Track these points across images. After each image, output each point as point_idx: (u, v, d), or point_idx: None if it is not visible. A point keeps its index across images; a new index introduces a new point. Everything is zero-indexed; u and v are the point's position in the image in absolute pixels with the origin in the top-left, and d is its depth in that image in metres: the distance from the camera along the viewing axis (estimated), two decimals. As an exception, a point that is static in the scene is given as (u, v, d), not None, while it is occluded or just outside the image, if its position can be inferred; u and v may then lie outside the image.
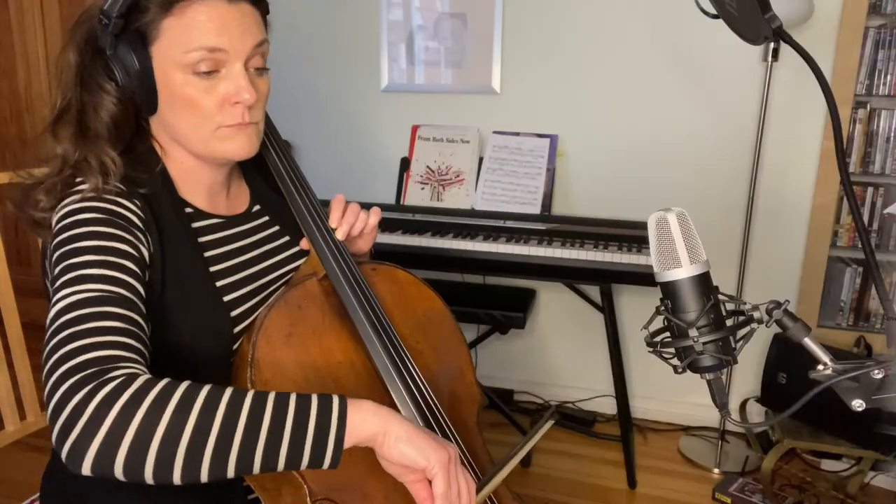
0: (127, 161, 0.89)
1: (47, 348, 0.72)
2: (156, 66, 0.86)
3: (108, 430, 0.65)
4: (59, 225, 0.83)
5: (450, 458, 0.76)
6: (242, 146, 0.92)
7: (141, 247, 0.84)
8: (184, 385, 0.70)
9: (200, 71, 0.86)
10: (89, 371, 0.69)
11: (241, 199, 1.06)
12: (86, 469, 0.66)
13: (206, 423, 0.68)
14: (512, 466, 0.88)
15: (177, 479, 0.67)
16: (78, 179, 0.87)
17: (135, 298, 0.79)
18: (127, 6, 0.83)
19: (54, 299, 0.76)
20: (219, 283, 0.94)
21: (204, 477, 0.68)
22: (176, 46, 0.85)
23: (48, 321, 0.74)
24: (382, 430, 0.74)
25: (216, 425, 0.68)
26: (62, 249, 0.80)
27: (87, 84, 0.89)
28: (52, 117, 0.90)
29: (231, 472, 0.69)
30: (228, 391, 0.71)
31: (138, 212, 0.86)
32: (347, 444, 0.72)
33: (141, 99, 0.88)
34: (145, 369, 0.73)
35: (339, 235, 1.02)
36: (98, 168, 0.86)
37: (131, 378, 0.69)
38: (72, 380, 0.68)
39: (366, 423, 0.73)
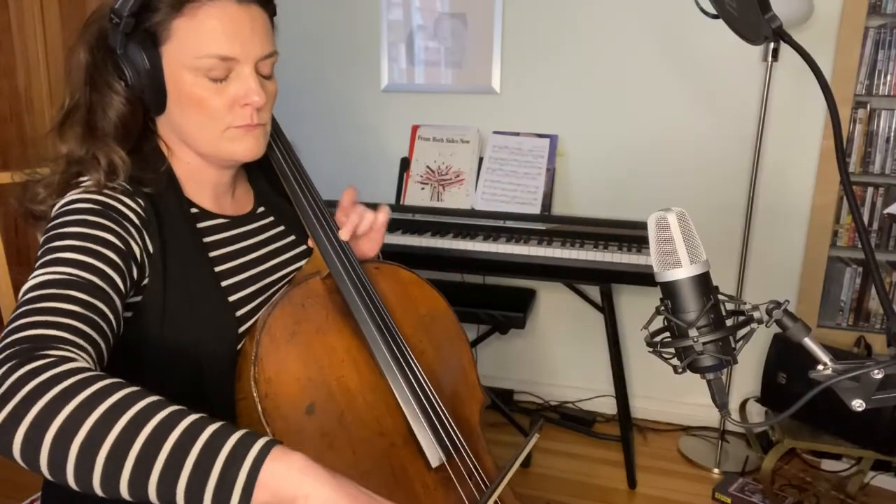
0: (133, 161, 0.89)
1: (6, 323, 0.72)
2: (165, 66, 0.87)
3: (13, 408, 0.62)
4: (55, 214, 0.84)
5: None
6: (250, 148, 0.92)
7: (132, 242, 0.84)
8: (108, 381, 0.64)
9: (213, 77, 0.87)
10: (26, 345, 0.67)
11: (245, 200, 1.06)
12: None
13: (104, 429, 0.61)
14: (503, 485, 0.87)
15: (70, 480, 0.61)
16: (83, 178, 0.87)
17: (107, 288, 0.78)
18: (138, 5, 0.83)
19: (29, 279, 0.76)
20: (224, 283, 0.94)
21: (97, 488, 0.61)
22: (187, 50, 0.85)
23: (18, 299, 0.74)
24: (305, 494, 0.61)
25: (112, 435, 0.61)
26: (49, 234, 0.81)
27: (97, 83, 0.89)
28: (61, 117, 0.91)
29: (125, 493, 0.61)
30: (147, 400, 0.64)
31: (139, 210, 0.87)
32: (258, 499, 0.60)
33: (150, 98, 0.88)
34: (87, 357, 0.70)
35: (343, 236, 1.02)
36: (106, 166, 0.86)
37: (61, 361, 0.66)
38: (7, 351, 0.67)
39: (285, 478, 0.61)
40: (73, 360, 0.67)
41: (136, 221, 0.86)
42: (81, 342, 0.71)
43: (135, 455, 0.60)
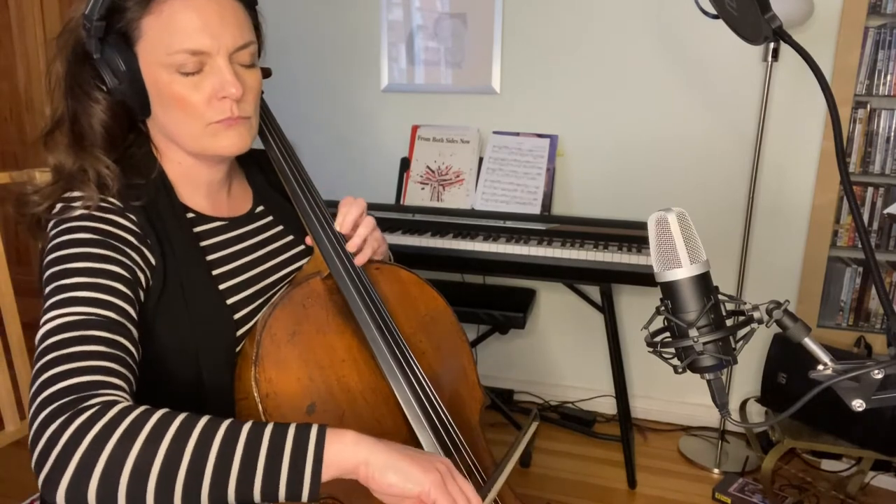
0: (123, 168, 0.89)
1: (34, 371, 0.73)
2: (142, 67, 0.86)
3: (80, 460, 0.65)
4: (53, 242, 0.83)
5: (443, 475, 0.73)
6: (234, 142, 0.91)
7: (136, 267, 0.83)
8: (159, 413, 0.69)
9: (185, 71, 0.86)
10: (67, 399, 0.69)
11: (243, 199, 1.05)
12: (60, 499, 0.65)
13: (177, 455, 0.67)
14: (510, 469, 0.88)
15: None
16: (75, 193, 0.86)
17: (125, 322, 0.79)
18: (106, 7, 0.83)
19: (43, 319, 0.76)
20: (222, 287, 0.94)
21: None
22: (159, 47, 0.85)
23: (37, 341, 0.75)
24: (364, 461, 0.71)
25: (186, 457, 0.67)
26: (53, 269, 0.80)
27: (77, 94, 0.89)
28: (46, 130, 0.90)
29: (206, 503, 0.68)
30: (203, 420, 0.70)
31: (134, 227, 0.86)
32: (326, 476, 0.70)
33: (132, 101, 0.88)
34: (126, 395, 0.73)
35: (351, 248, 1.01)
36: (95, 179, 0.86)
37: (108, 406, 0.68)
38: (50, 408, 0.68)
39: (344, 453, 0.71)
40: (118, 402, 0.70)
41: (135, 241, 0.85)
42: (117, 381, 0.73)
43: (211, 469, 0.67)
